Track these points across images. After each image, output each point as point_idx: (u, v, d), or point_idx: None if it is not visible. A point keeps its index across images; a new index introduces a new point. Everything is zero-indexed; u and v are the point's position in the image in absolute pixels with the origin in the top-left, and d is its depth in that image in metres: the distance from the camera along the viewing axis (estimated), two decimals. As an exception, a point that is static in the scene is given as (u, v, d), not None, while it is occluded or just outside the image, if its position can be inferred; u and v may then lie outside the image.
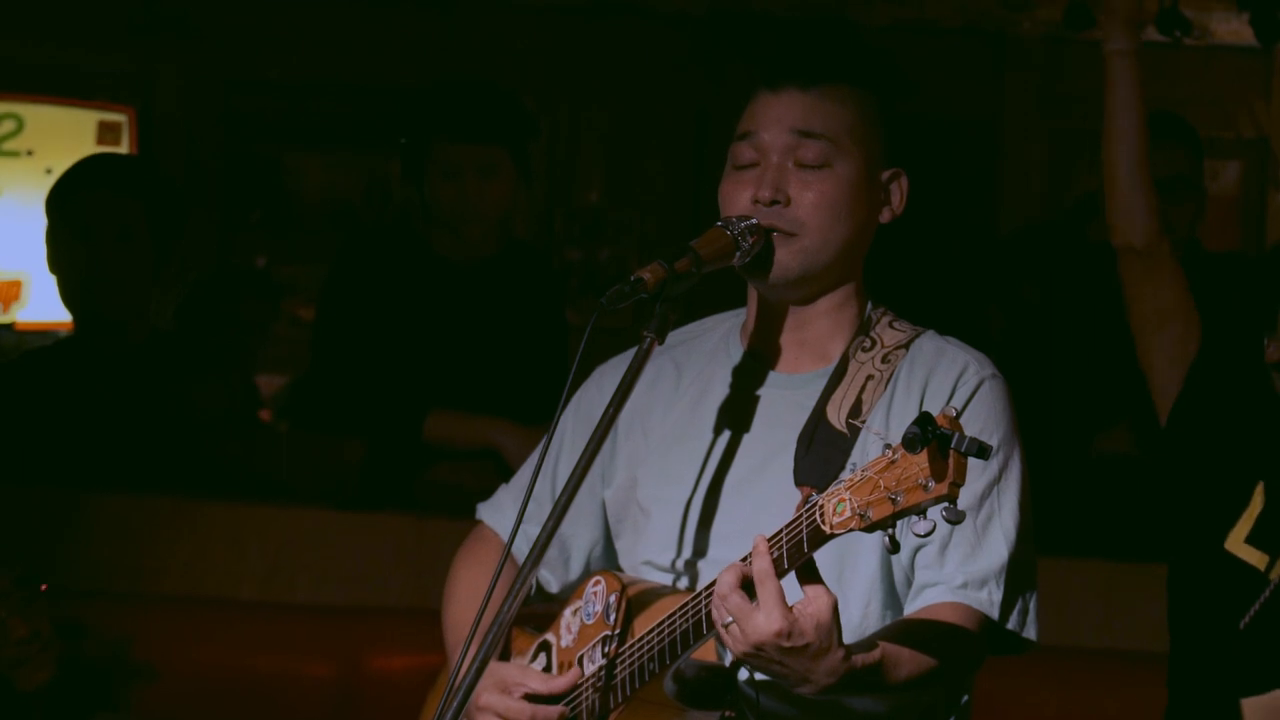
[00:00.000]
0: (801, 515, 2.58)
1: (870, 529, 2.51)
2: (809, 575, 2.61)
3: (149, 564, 4.32)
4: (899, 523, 2.49)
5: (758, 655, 2.61)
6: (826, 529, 2.55)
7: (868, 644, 2.69)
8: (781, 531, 2.60)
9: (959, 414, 2.79)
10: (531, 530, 2.93)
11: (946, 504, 2.45)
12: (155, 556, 4.52)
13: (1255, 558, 3.42)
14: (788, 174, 2.89)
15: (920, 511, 2.47)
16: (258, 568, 4.63)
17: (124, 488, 4.63)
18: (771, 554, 2.59)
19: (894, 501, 2.47)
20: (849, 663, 2.62)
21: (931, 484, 2.44)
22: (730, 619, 2.61)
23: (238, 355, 6.12)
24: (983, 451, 2.42)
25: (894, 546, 2.53)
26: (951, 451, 2.42)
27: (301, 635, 4.48)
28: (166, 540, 4.04)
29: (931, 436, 2.42)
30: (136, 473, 4.69)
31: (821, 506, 2.55)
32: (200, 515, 4.63)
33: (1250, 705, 3.37)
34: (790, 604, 2.59)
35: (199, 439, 4.75)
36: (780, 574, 2.59)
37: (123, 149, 7.04)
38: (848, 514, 2.52)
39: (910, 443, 2.43)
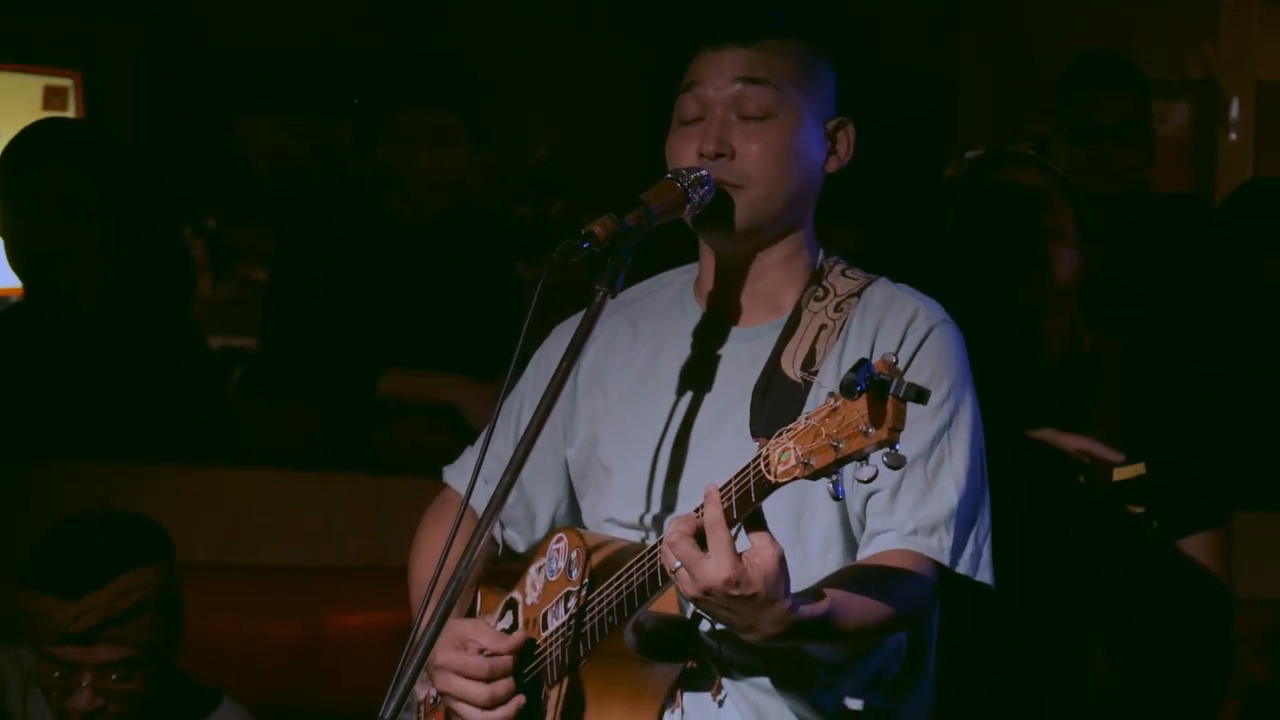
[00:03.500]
0: (749, 466, 2.59)
1: (814, 477, 2.51)
2: (756, 525, 2.61)
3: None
4: (843, 469, 2.50)
5: (705, 600, 2.62)
6: (772, 478, 2.55)
7: (815, 594, 2.69)
8: (731, 481, 2.61)
9: (910, 360, 2.80)
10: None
11: (888, 449, 2.45)
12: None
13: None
14: (731, 126, 2.90)
15: (863, 458, 2.47)
16: (218, 530, 4.63)
17: (79, 454, 4.62)
18: (722, 504, 2.61)
19: (836, 449, 2.47)
20: (796, 613, 2.62)
21: (871, 430, 2.44)
22: (679, 564, 2.62)
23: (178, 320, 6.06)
24: (920, 396, 2.42)
25: (836, 494, 2.54)
26: (890, 397, 2.43)
27: (262, 596, 4.48)
28: (123, 505, 4.03)
29: (868, 382, 2.43)
30: (91, 439, 4.68)
31: (767, 456, 2.56)
32: (158, 479, 4.62)
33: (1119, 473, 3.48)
34: (741, 551, 2.61)
35: (155, 403, 4.73)
36: (730, 524, 2.60)
37: (69, 114, 6.98)
38: (792, 463, 2.52)
39: (847, 389, 2.44)
